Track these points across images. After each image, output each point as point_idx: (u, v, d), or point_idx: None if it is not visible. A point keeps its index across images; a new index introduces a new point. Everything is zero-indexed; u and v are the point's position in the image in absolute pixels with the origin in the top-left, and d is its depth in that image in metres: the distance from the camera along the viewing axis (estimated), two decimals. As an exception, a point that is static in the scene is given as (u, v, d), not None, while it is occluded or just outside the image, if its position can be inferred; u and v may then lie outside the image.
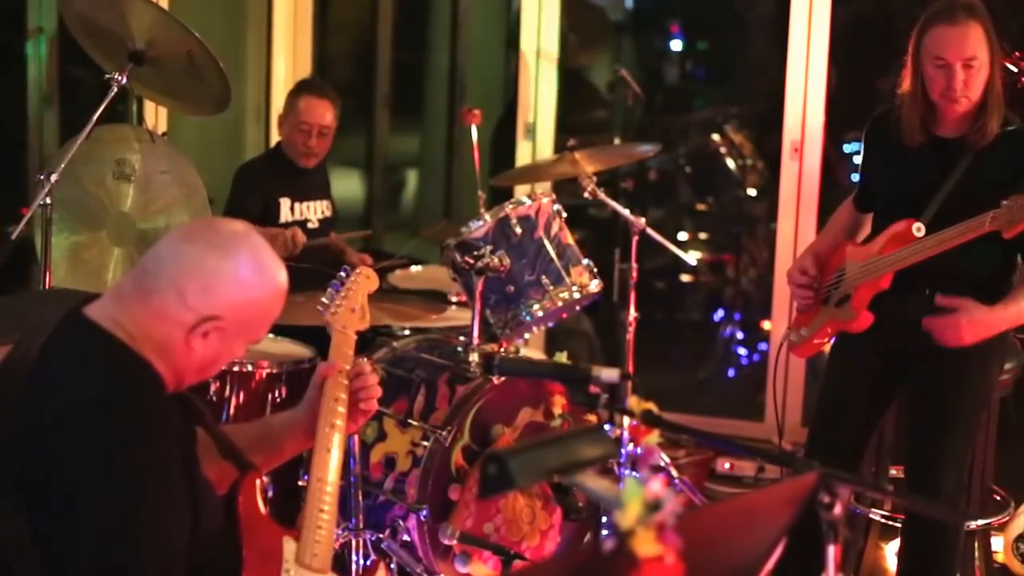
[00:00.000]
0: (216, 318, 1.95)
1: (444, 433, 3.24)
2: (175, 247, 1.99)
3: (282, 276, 2.03)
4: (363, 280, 2.57)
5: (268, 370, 3.45)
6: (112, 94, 3.31)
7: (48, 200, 3.21)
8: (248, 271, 1.97)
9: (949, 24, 2.99)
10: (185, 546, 1.91)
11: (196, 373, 2.03)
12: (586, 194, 4.07)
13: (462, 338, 3.55)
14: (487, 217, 3.48)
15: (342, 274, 2.58)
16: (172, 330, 1.94)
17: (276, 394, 3.48)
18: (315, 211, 4.36)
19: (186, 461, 1.96)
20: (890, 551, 3.96)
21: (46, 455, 1.86)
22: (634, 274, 4.13)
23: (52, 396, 1.91)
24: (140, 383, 1.94)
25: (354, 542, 3.12)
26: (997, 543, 3.84)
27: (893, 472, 3.86)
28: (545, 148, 5.38)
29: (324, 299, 2.54)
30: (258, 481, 2.17)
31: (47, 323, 2.00)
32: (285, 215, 4.26)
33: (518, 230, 3.48)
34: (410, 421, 3.35)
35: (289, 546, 2.16)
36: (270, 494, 3.34)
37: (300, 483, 3.43)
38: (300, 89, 4.39)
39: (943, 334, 3.02)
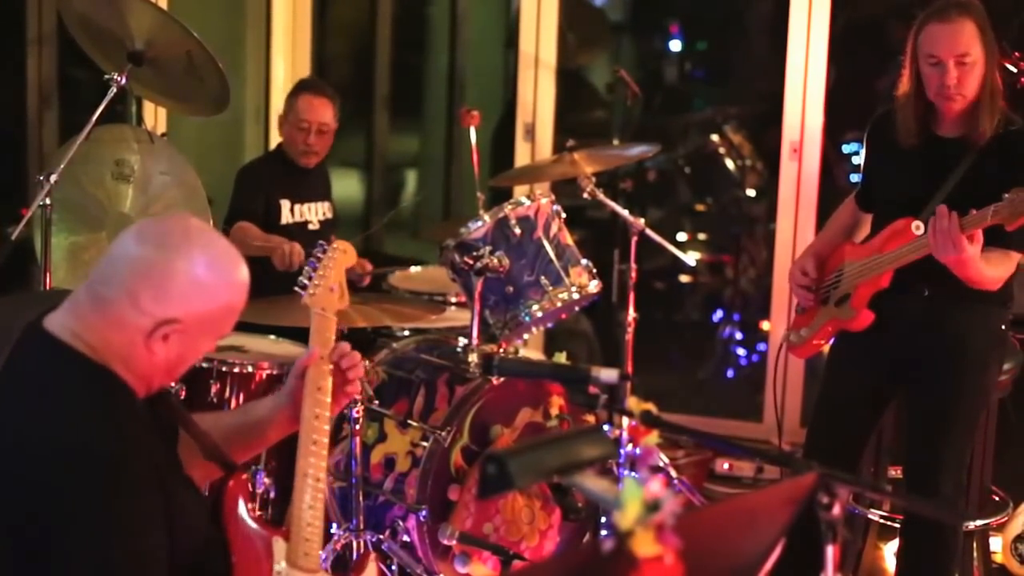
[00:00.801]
0: (174, 321, 1.89)
1: (443, 434, 3.25)
2: (126, 251, 1.92)
3: (241, 272, 1.96)
4: (340, 255, 2.47)
5: (269, 371, 3.45)
6: (111, 95, 3.30)
7: (48, 201, 3.21)
8: (203, 270, 1.90)
9: (942, 21, 3.00)
10: (165, 562, 1.86)
11: (163, 375, 1.97)
12: (585, 195, 4.07)
13: (461, 339, 3.56)
14: (486, 218, 3.48)
15: (317, 252, 2.48)
16: (131, 336, 1.89)
17: (276, 395, 3.48)
18: (315, 213, 4.36)
19: (160, 469, 1.90)
20: (889, 551, 3.97)
21: (13, 481, 1.81)
22: (633, 275, 4.13)
23: (14, 419, 1.86)
24: (103, 399, 1.88)
25: (354, 543, 3.12)
26: (996, 543, 3.84)
27: (892, 472, 3.86)
28: (544, 149, 5.38)
29: (302, 279, 2.43)
30: (244, 476, 2.12)
31: (12, 333, 1.94)
32: (285, 216, 4.26)
33: (517, 231, 3.49)
34: (410, 422, 3.35)
35: (279, 546, 2.11)
36: (272, 495, 3.34)
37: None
38: (299, 88, 4.39)
39: (945, 239, 2.88)
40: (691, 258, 4.68)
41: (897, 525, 3.55)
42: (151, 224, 1.98)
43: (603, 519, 2.33)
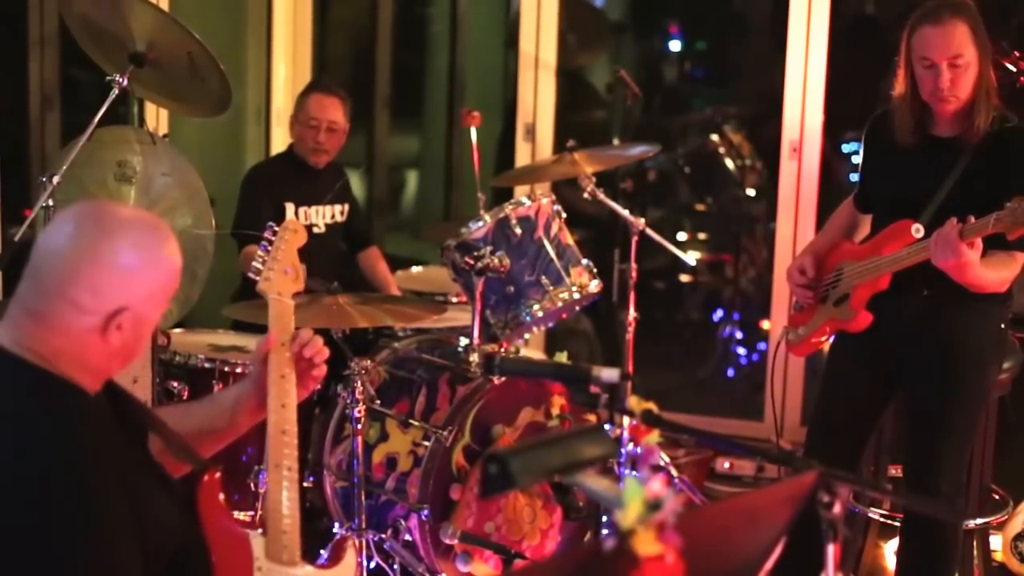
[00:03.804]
0: (122, 309, 1.85)
1: (445, 433, 3.26)
2: (45, 259, 1.87)
3: (168, 242, 1.92)
4: (291, 236, 2.42)
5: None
6: (113, 96, 3.31)
7: (51, 202, 3.21)
8: (130, 255, 1.86)
9: (933, 24, 3.00)
10: (138, 570, 1.83)
11: (120, 361, 1.94)
12: (585, 194, 4.08)
13: (463, 339, 3.57)
14: (487, 218, 3.49)
15: (268, 235, 2.42)
16: (83, 337, 1.85)
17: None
18: (323, 216, 4.35)
19: (125, 475, 1.85)
20: (889, 550, 3.97)
21: None
22: (633, 274, 4.14)
23: None
24: (62, 410, 1.85)
25: (354, 540, 3.13)
26: (995, 542, 3.85)
27: (892, 471, 3.87)
28: (544, 149, 5.39)
29: (256, 264, 2.37)
30: (217, 473, 2.07)
31: None
32: (289, 218, 4.26)
33: (518, 231, 3.49)
34: (411, 421, 3.36)
35: (258, 541, 2.07)
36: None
37: (305, 484, 3.44)
38: (309, 88, 4.42)
39: (944, 245, 2.90)
40: (691, 258, 4.69)
41: (897, 524, 3.56)
42: (63, 223, 1.90)
43: (604, 518, 2.33)
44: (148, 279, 1.89)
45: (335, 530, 3.32)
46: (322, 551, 3.07)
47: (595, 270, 3.65)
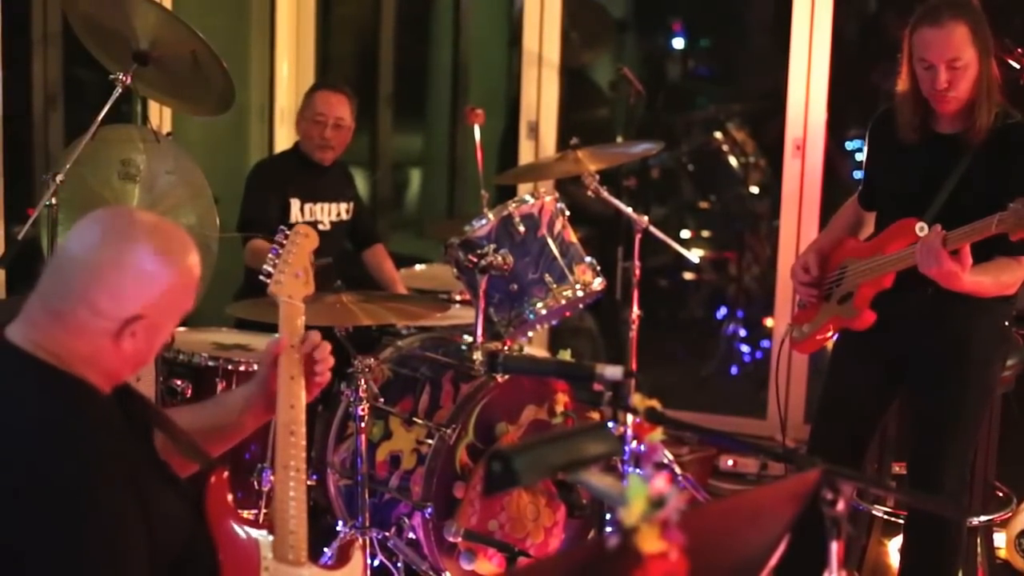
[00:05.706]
0: (138, 317, 1.88)
1: (448, 431, 3.26)
2: (72, 259, 1.91)
3: (189, 253, 1.95)
4: (303, 240, 2.43)
5: (273, 369, 3.45)
6: (116, 94, 3.31)
7: (54, 200, 3.21)
8: (150, 263, 1.88)
9: (932, 25, 3.00)
10: (146, 566, 1.85)
11: (132, 367, 1.96)
12: (589, 192, 4.08)
13: (466, 336, 3.57)
14: (490, 216, 3.49)
15: (279, 238, 2.43)
16: (98, 341, 1.88)
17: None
18: (328, 213, 4.36)
19: (133, 473, 1.87)
20: (893, 547, 3.97)
21: None
22: (637, 272, 4.14)
23: None
24: (71, 410, 1.87)
25: (360, 540, 3.13)
26: (999, 539, 3.85)
27: (896, 469, 3.87)
28: (548, 147, 5.39)
29: (267, 267, 2.39)
30: (225, 472, 2.08)
31: None
32: (295, 215, 4.27)
33: (521, 228, 3.49)
34: (415, 419, 3.36)
35: (265, 541, 2.09)
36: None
37: (309, 483, 3.44)
38: (316, 86, 4.48)
39: (927, 252, 2.91)
40: (695, 255, 4.69)
41: (901, 521, 3.56)
42: (90, 226, 1.93)
43: (608, 515, 2.34)
44: (168, 288, 1.91)
45: (339, 528, 3.32)
46: (326, 549, 3.08)
47: (599, 268, 3.65)
